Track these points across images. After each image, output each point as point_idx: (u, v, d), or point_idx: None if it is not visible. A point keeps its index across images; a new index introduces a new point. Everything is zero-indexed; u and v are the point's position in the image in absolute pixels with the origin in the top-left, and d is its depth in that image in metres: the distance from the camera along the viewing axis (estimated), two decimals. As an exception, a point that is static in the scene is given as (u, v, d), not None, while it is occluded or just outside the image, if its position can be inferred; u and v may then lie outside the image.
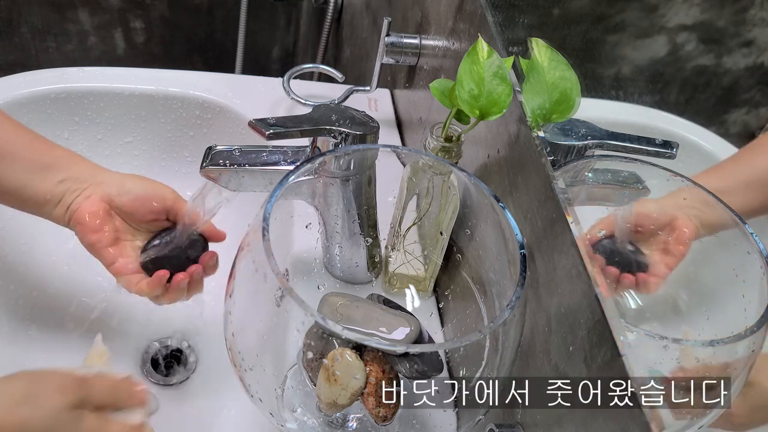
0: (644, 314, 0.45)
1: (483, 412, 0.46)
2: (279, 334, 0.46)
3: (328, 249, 0.65)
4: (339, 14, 1.40)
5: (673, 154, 0.46)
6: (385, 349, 0.46)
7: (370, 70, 0.93)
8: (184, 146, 0.89)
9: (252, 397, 0.47)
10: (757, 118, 0.44)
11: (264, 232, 0.41)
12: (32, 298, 0.75)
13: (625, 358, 0.36)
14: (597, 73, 0.54)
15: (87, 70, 0.84)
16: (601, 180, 0.49)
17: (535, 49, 0.48)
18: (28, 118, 0.80)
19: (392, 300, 0.55)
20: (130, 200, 0.60)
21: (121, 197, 0.60)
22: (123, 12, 1.67)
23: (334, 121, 0.56)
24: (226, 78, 0.90)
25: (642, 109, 0.51)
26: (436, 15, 0.77)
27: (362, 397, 0.46)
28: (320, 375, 0.46)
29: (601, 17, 0.55)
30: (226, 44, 1.77)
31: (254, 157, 0.58)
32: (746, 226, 0.40)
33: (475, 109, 0.50)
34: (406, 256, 0.65)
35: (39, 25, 1.63)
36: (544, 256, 0.47)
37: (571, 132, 0.50)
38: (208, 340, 0.76)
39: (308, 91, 0.90)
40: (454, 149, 0.57)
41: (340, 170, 0.57)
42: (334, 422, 0.50)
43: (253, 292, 0.45)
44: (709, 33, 0.46)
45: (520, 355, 0.50)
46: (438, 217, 0.60)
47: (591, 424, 0.40)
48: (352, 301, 0.52)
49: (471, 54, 0.50)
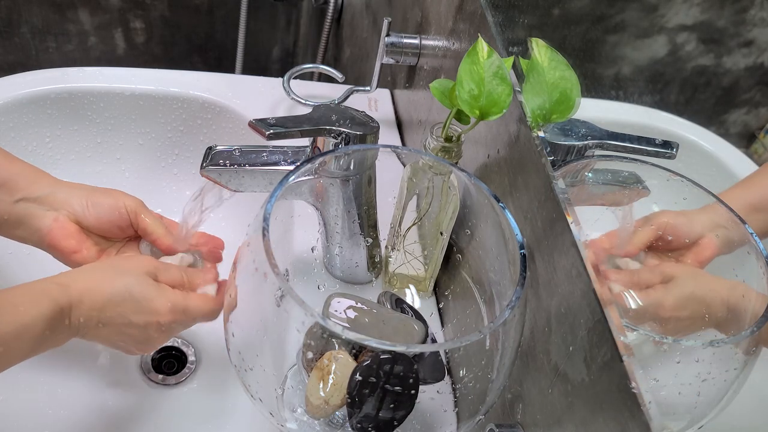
0: (644, 314, 0.45)
1: (483, 412, 0.46)
2: (279, 334, 0.46)
3: (328, 249, 0.65)
4: (339, 14, 1.40)
5: (673, 154, 0.46)
6: (385, 349, 0.46)
7: (370, 70, 0.93)
8: (184, 146, 0.89)
9: (252, 397, 0.47)
10: (757, 118, 0.44)
11: (264, 232, 0.41)
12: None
13: (626, 359, 0.37)
14: (597, 73, 0.54)
15: (87, 70, 0.84)
16: (601, 180, 0.49)
17: (535, 49, 0.48)
18: (28, 118, 0.80)
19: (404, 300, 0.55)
20: (95, 218, 0.59)
21: (87, 217, 0.59)
22: (123, 12, 1.67)
23: (334, 121, 0.56)
24: (226, 78, 0.90)
25: (642, 109, 0.51)
26: (436, 15, 0.77)
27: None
28: (312, 376, 0.46)
29: (601, 17, 0.55)
30: (226, 44, 1.77)
31: (254, 157, 0.58)
32: (746, 226, 0.40)
33: (475, 109, 0.50)
34: (406, 256, 0.65)
35: (39, 25, 1.63)
36: (544, 256, 0.47)
37: (571, 132, 0.50)
38: (208, 340, 0.76)
39: (308, 91, 0.90)
40: (454, 149, 0.57)
41: (340, 170, 0.57)
42: (334, 422, 0.50)
43: (253, 292, 0.45)
44: (709, 33, 0.46)
45: (520, 355, 0.50)
46: (438, 217, 0.60)
47: (591, 424, 0.40)
48: (359, 303, 0.52)
49: (471, 54, 0.50)
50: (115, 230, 0.61)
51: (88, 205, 0.59)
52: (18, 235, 0.58)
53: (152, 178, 0.89)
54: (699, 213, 0.44)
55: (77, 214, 0.58)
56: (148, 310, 0.52)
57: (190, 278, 0.58)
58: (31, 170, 0.59)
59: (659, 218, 0.45)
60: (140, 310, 0.52)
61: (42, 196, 0.57)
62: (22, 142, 0.81)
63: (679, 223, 0.44)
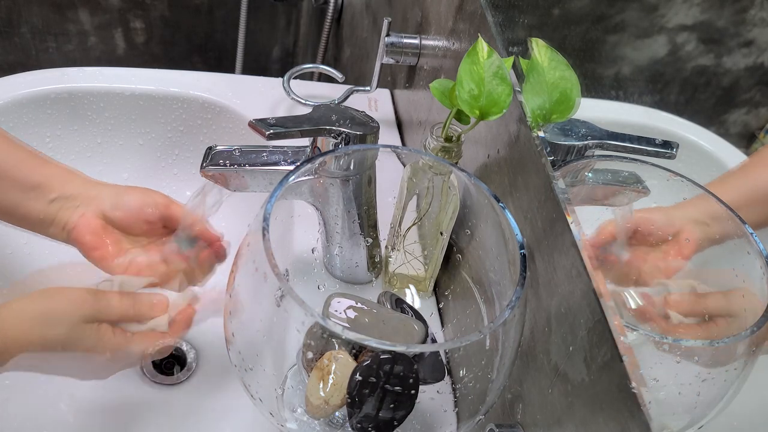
0: (644, 314, 0.45)
1: (483, 412, 0.46)
2: (279, 334, 0.46)
3: (328, 249, 0.65)
4: (339, 14, 1.40)
5: (673, 154, 0.46)
6: (385, 349, 0.46)
7: (370, 70, 0.93)
8: (184, 146, 0.89)
9: (252, 397, 0.47)
10: (757, 118, 0.44)
11: (264, 232, 0.41)
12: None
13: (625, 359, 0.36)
14: (597, 73, 0.54)
15: (87, 70, 0.84)
16: (601, 180, 0.49)
17: (535, 49, 0.48)
18: (28, 118, 0.80)
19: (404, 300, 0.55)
20: (124, 214, 0.59)
21: (115, 212, 0.59)
22: (123, 12, 1.67)
23: (334, 121, 0.56)
24: (226, 78, 0.90)
25: (642, 109, 0.51)
26: (436, 15, 0.77)
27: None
28: (312, 376, 0.46)
29: (601, 17, 0.55)
30: (226, 44, 1.77)
31: (254, 157, 0.58)
32: (746, 226, 0.40)
33: (475, 109, 0.50)
34: (406, 256, 0.65)
35: (39, 25, 1.63)
36: (544, 256, 0.47)
37: (571, 132, 0.50)
38: (208, 340, 0.76)
39: (308, 91, 0.90)
40: (454, 149, 0.57)
41: (340, 170, 0.57)
42: (334, 422, 0.50)
43: (253, 292, 0.45)
44: (709, 33, 0.46)
45: (520, 355, 0.50)
46: (438, 217, 0.60)
47: (591, 424, 0.40)
48: (359, 303, 0.52)
49: (471, 54, 0.50)
50: (143, 225, 0.60)
51: (118, 201, 0.59)
52: (51, 233, 0.59)
53: (152, 178, 0.89)
54: (675, 207, 0.44)
55: (105, 211, 0.58)
56: (85, 359, 0.50)
57: (138, 309, 0.54)
58: (66, 170, 0.60)
59: (637, 214, 0.45)
60: (74, 362, 0.50)
61: (75, 194, 0.58)
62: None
63: (656, 218, 0.44)
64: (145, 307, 0.54)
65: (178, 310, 0.56)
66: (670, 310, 0.38)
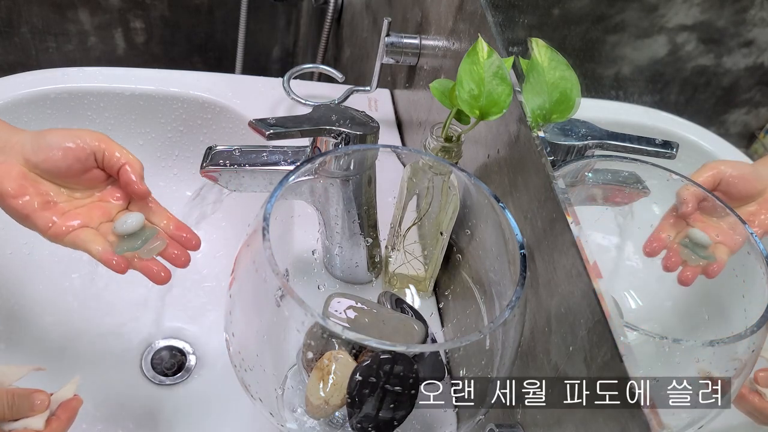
0: (644, 314, 0.45)
1: (483, 412, 0.46)
2: (279, 334, 0.46)
3: (328, 249, 0.65)
4: (339, 14, 1.40)
5: (673, 154, 0.46)
6: (385, 349, 0.46)
7: (370, 70, 0.93)
8: (184, 146, 0.89)
9: (252, 397, 0.47)
10: (757, 118, 0.44)
11: (264, 232, 0.41)
12: (32, 300, 0.75)
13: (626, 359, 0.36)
14: (597, 73, 0.54)
15: (87, 70, 0.84)
16: (601, 180, 0.49)
17: (535, 49, 0.48)
18: (28, 118, 0.80)
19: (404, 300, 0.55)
20: (47, 155, 0.52)
21: (38, 154, 0.52)
22: (123, 12, 1.67)
23: (334, 121, 0.56)
24: (226, 78, 0.90)
25: (642, 109, 0.51)
26: (436, 15, 0.77)
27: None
28: (312, 376, 0.46)
29: (601, 17, 0.55)
30: (226, 44, 1.77)
31: (254, 157, 0.58)
32: (746, 226, 0.40)
33: (475, 109, 0.50)
34: (406, 256, 0.65)
35: (39, 25, 1.63)
36: (544, 256, 0.47)
37: (571, 132, 0.50)
38: (208, 341, 0.76)
39: (308, 91, 0.90)
40: (454, 149, 0.57)
41: (340, 170, 0.57)
42: (334, 422, 0.50)
43: (253, 292, 0.45)
44: (709, 33, 0.46)
45: (520, 355, 0.50)
46: (438, 217, 0.60)
47: (591, 424, 0.40)
48: (359, 303, 0.52)
49: (471, 54, 0.50)
50: (75, 173, 0.53)
51: (40, 142, 0.52)
52: None
53: (152, 178, 0.89)
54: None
55: (27, 155, 0.52)
56: None
57: (17, 406, 0.48)
58: None
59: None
60: None
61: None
62: (22, 142, 0.81)
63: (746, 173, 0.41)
64: (24, 406, 0.48)
65: (59, 403, 0.50)
66: (759, 387, 0.38)
